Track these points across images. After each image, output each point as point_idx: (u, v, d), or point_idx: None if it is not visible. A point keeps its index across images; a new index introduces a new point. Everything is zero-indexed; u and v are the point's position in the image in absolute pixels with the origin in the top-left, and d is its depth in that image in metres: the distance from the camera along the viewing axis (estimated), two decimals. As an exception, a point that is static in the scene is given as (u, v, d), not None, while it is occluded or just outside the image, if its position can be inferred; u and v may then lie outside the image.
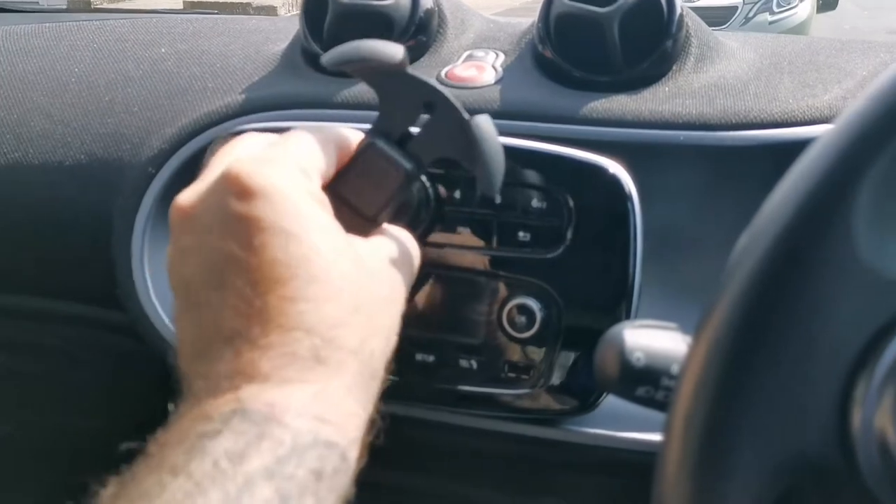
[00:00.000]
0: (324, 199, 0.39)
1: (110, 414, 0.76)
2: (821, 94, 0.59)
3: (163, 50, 0.72)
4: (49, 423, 0.80)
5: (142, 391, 0.71)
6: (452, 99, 0.42)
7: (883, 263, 0.29)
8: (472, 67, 0.61)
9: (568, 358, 0.52)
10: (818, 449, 0.29)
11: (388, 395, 0.54)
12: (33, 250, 0.67)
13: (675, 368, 0.34)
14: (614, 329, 0.35)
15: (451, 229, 0.53)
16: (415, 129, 0.43)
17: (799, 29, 5.63)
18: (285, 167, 0.38)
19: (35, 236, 0.67)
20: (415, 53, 0.64)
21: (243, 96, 0.62)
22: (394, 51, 0.41)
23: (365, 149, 0.42)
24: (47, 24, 0.82)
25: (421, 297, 0.54)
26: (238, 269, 0.36)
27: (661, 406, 0.34)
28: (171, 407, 0.38)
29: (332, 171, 0.42)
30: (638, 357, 0.34)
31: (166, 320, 0.60)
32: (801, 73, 0.61)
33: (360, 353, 0.37)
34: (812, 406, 0.29)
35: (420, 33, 0.64)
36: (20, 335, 0.75)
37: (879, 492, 0.30)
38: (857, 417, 0.29)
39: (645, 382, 0.34)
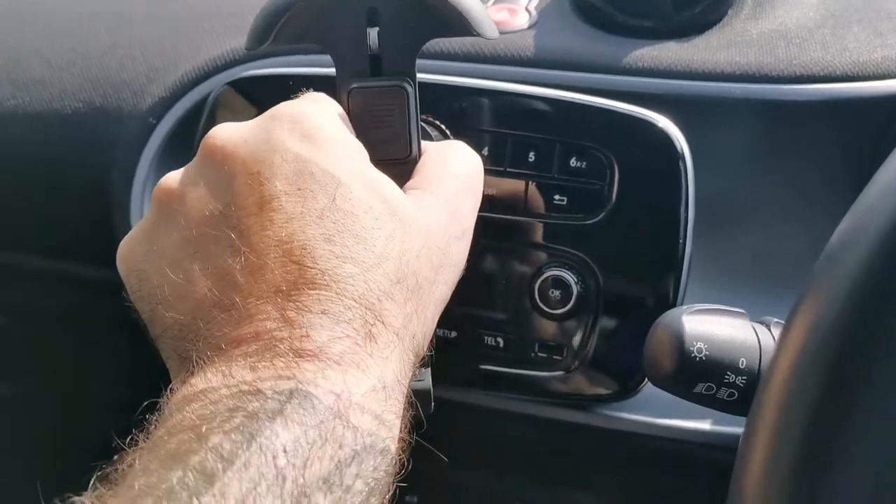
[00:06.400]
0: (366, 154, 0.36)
1: (114, 379, 0.73)
2: (896, 45, 0.52)
3: (171, -11, 0.67)
4: (54, 387, 0.77)
5: (145, 356, 0.67)
6: None
7: None
8: (504, 10, 0.56)
9: (606, 337, 0.47)
10: None
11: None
12: (30, 206, 0.63)
13: (744, 362, 0.28)
14: (671, 315, 0.30)
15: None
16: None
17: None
18: (335, 119, 0.35)
19: (31, 191, 0.63)
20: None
21: (252, 40, 0.57)
22: None
23: (349, 100, 0.38)
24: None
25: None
26: (280, 212, 0.31)
27: (724, 405, 0.29)
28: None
29: None
30: (700, 348, 0.29)
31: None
32: (871, 21, 0.55)
33: (403, 334, 0.32)
34: None
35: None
36: (21, 297, 0.71)
37: None
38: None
39: (706, 378, 0.29)
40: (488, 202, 0.47)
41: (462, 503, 0.55)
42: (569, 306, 0.46)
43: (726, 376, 0.28)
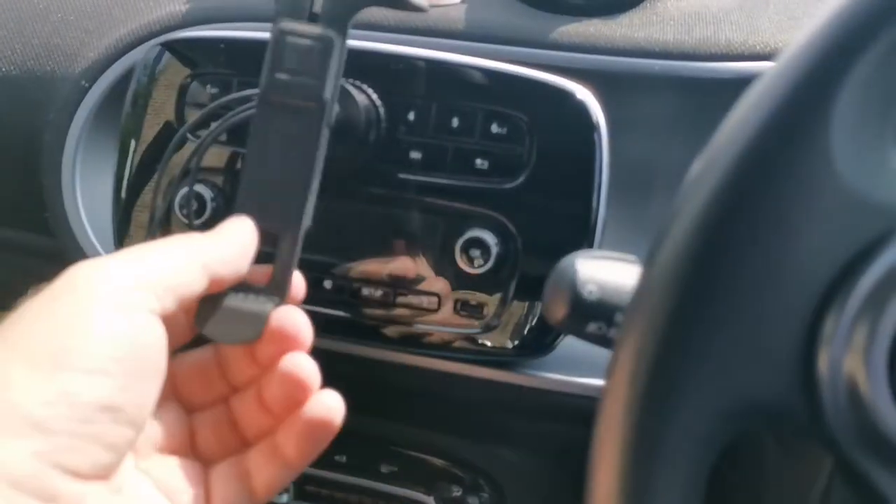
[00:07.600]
0: None
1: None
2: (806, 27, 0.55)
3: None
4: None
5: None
6: None
7: (862, 181, 0.26)
8: (437, -16, 0.57)
9: (524, 296, 0.48)
10: (777, 393, 0.26)
11: (334, 331, 0.51)
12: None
13: (630, 303, 0.30)
14: (567, 259, 0.32)
15: (402, 154, 0.49)
16: None
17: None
18: None
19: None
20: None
21: (187, 6, 0.57)
22: None
23: (275, 40, 0.39)
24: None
25: (369, 228, 0.50)
26: None
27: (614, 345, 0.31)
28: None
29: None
30: (590, 290, 0.31)
31: (98, 246, 0.56)
32: (787, 4, 0.58)
33: None
34: (773, 343, 0.26)
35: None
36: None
37: (846, 443, 0.27)
38: (823, 358, 0.26)
39: (597, 318, 0.31)
40: (414, 165, 0.49)
41: (389, 459, 0.57)
42: (488, 266, 0.47)
43: (616, 317, 0.31)
